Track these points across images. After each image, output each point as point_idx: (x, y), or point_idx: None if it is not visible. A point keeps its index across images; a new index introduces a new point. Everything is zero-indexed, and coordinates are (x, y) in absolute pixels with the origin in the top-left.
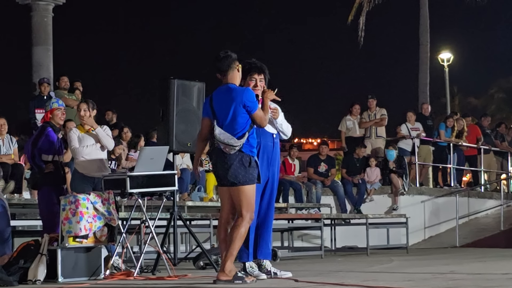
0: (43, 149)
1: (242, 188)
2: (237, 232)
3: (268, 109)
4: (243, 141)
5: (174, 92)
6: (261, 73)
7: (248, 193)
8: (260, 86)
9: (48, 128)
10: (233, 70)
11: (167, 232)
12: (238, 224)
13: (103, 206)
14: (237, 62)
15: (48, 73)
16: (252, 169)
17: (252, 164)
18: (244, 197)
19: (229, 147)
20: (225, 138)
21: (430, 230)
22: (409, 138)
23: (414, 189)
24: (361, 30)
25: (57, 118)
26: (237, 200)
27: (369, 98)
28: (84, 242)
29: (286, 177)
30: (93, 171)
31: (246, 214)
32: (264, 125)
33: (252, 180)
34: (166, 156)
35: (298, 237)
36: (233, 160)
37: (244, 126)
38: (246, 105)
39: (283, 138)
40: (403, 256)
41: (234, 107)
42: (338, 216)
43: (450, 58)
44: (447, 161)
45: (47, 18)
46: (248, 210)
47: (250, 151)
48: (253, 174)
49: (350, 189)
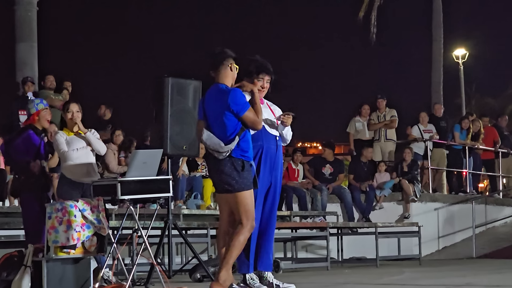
0: (19, 151)
1: (238, 195)
2: (236, 240)
3: (260, 110)
4: (232, 146)
5: (169, 91)
6: (270, 74)
7: (244, 200)
8: (266, 88)
9: (29, 130)
10: (225, 68)
11: (161, 242)
12: (237, 232)
13: (92, 214)
14: (231, 60)
15: (33, 72)
16: (247, 173)
17: (246, 168)
18: (241, 205)
19: (217, 153)
20: (211, 144)
21: (444, 240)
22: (422, 141)
23: (427, 196)
24: (373, 26)
25: (44, 120)
26: (235, 208)
27: (378, 98)
28: (71, 253)
29: (290, 183)
30: (82, 176)
31: (246, 222)
32: (258, 127)
33: (247, 186)
34: (160, 160)
35: (302, 247)
36: (224, 165)
37: (233, 130)
38: (231, 108)
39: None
40: (415, 267)
41: (221, 110)
42: (345, 225)
43: (466, 55)
44: (462, 166)
45: (31, 12)
46: (248, 218)
47: (242, 155)
48: (248, 179)
49: (358, 196)
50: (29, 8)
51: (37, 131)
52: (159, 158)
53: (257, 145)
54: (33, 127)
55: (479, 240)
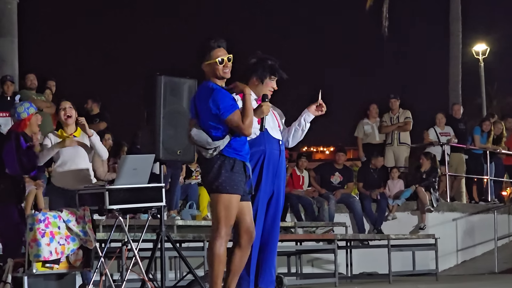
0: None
1: (221, 196)
2: (210, 254)
3: (248, 114)
4: (220, 143)
5: (161, 91)
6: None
7: (228, 204)
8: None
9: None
10: (209, 63)
11: (153, 256)
12: (210, 245)
13: (77, 225)
14: (218, 53)
15: (13, 70)
16: (238, 175)
17: (236, 169)
18: (223, 208)
19: (204, 150)
20: (198, 139)
21: (463, 254)
22: (438, 145)
23: (444, 205)
24: (385, 19)
25: (35, 126)
26: (214, 210)
27: (391, 98)
28: (55, 268)
29: (294, 191)
30: (74, 183)
31: (221, 229)
32: (244, 133)
33: (235, 189)
34: (152, 166)
35: (307, 261)
36: (213, 164)
37: (223, 131)
38: (212, 111)
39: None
40: (432, 284)
41: (208, 110)
42: (354, 237)
43: (486, 51)
44: (483, 172)
45: (11, 4)
46: (227, 224)
47: (236, 154)
48: (236, 182)
49: (368, 205)
50: (8, 1)
51: (26, 137)
52: (151, 164)
53: (258, 150)
54: (23, 134)
55: (502, 253)
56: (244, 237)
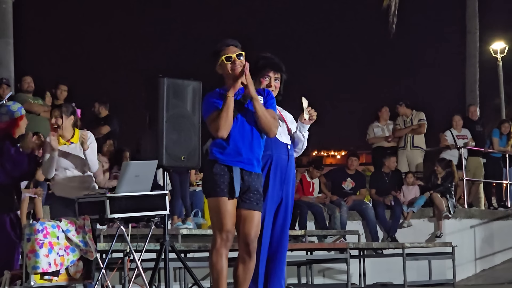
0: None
1: (208, 201)
2: (210, 264)
3: (224, 116)
4: (205, 146)
5: (164, 94)
6: (277, 71)
7: (216, 208)
8: (275, 87)
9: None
10: (220, 64)
11: (157, 267)
12: (210, 253)
13: (77, 236)
14: (226, 51)
15: (8, 72)
16: (219, 177)
17: (217, 170)
18: (214, 213)
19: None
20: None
21: (482, 262)
22: (455, 148)
23: (461, 212)
24: (393, 15)
25: (23, 128)
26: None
27: (399, 105)
28: (54, 280)
29: (304, 198)
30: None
31: (216, 236)
32: (217, 135)
33: (217, 192)
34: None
35: (318, 271)
36: (203, 168)
37: None
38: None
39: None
40: None
41: None
42: (368, 246)
43: (505, 49)
44: (502, 176)
45: (7, 4)
46: (220, 230)
47: (219, 157)
48: (219, 183)
49: (382, 211)
50: (4, 0)
51: (13, 140)
52: (154, 171)
53: (265, 154)
54: (8, 136)
55: None
56: (241, 247)
